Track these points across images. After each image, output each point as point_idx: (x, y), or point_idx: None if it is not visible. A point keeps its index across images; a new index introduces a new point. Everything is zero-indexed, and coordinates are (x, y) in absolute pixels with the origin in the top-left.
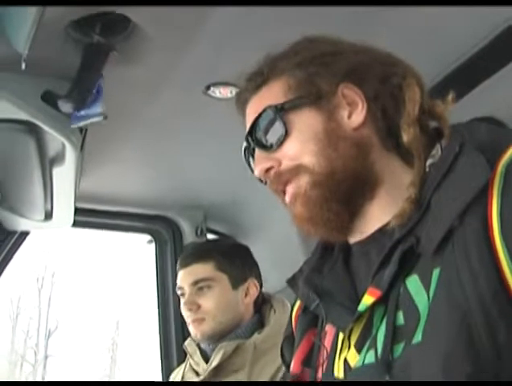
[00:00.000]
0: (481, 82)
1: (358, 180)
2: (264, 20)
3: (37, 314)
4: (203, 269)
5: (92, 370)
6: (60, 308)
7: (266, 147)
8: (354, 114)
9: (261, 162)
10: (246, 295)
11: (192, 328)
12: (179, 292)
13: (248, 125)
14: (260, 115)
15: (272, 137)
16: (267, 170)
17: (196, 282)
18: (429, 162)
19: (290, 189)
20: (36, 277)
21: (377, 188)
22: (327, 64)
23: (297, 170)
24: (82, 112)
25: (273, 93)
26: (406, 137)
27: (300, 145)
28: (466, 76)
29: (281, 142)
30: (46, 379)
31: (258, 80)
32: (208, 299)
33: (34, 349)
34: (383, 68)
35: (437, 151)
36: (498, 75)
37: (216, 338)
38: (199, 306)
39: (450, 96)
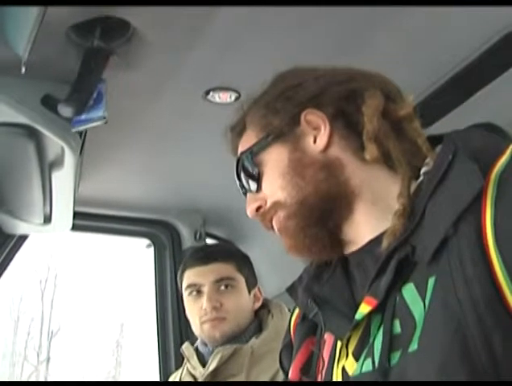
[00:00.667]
0: (480, 88)
1: (333, 199)
2: (264, 25)
3: (39, 316)
4: (226, 268)
5: (96, 372)
6: (63, 310)
7: (251, 189)
8: (318, 137)
9: (250, 203)
10: (254, 301)
11: (208, 327)
12: (190, 289)
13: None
14: (237, 162)
15: (252, 180)
16: (257, 211)
17: (218, 280)
18: (423, 169)
19: (274, 225)
20: (39, 279)
21: (356, 202)
22: (288, 98)
23: (275, 206)
24: (83, 116)
25: (248, 138)
26: (368, 155)
27: (272, 183)
28: (465, 83)
29: (259, 184)
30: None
31: (237, 129)
32: (230, 299)
33: (36, 351)
34: (343, 87)
35: (430, 159)
36: (497, 81)
37: (231, 339)
38: (221, 305)
39: (410, 99)
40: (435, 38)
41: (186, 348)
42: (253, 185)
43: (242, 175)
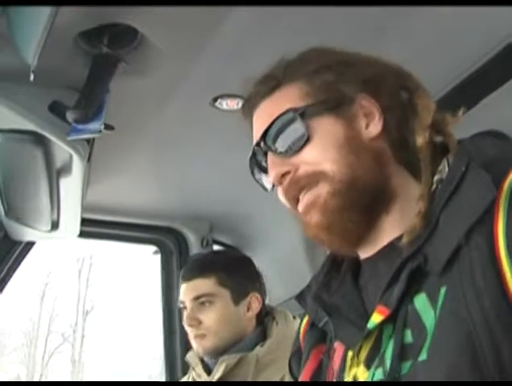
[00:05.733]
0: (486, 96)
1: (377, 192)
2: (272, 32)
3: (76, 295)
4: (204, 284)
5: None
6: (97, 289)
7: (283, 151)
8: (371, 124)
9: (276, 166)
10: (248, 309)
11: (194, 343)
12: (180, 306)
13: (258, 129)
14: (279, 117)
15: (291, 141)
16: (283, 176)
17: (197, 297)
18: (436, 177)
19: (306, 197)
20: (76, 258)
21: (392, 202)
22: (343, 73)
23: (317, 176)
24: (80, 126)
25: (288, 98)
26: (420, 141)
27: (321, 152)
28: (470, 91)
29: (301, 147)
30: (83, 358)
31: (270, 84)
32: (210, 315)
33: (73, 328)
34: (395, 81)
35: (444, 167)
36: (503, 89)
37: (219, 352)
38: (200, 322)
39: (460, 112)
40: (440, 46)
41: (191, 357)
42: (291, 145)
43: (279, 131)
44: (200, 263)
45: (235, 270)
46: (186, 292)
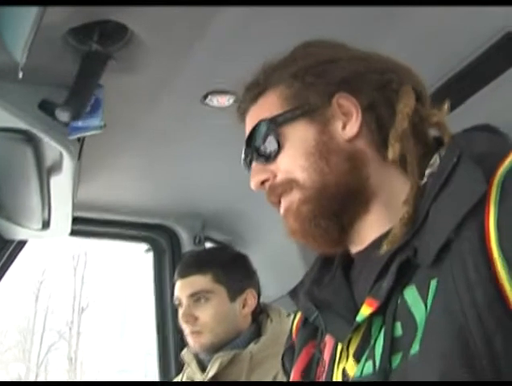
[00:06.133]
0: (480, 89)
1: (351, 194)
2: (262, 28)
3: (72, 292)
4: (200, 281)
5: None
6: (92, 286)
7: (262, 159)
8: (348, 125)
9: (256, 173)
10: (244, 306)
11: (189, 339)
12: (176, 302)
13: (247, 135)
14: (254, 128)
15: (267, 150)
16: (263, 182)
17: (193, 294)
18: (428, 171)
19: (283, 202)
20: (72, 255)
21: (373, 201)
22: (321, 74)
23: (289, 184)
24: (80, 124)
25: (269, 105)
26: (391, 154)
27: (292, 160)
28: (464, 83)
29: (275, 155)
30: (79, 355)
31: (255, 90)
32: (206, 312)
33: (69, 325)
34: (379, 76)
35: (435, 160)
36: (496, 81)
37: (215, 349)
38: (196, 318)
39: (446, 105)
40: (433, 39)
41: (186, 354)
42: (267, 154)
43: (257, 141)
44: (196, 260)
45: (231, 267)
46: (182, 288)
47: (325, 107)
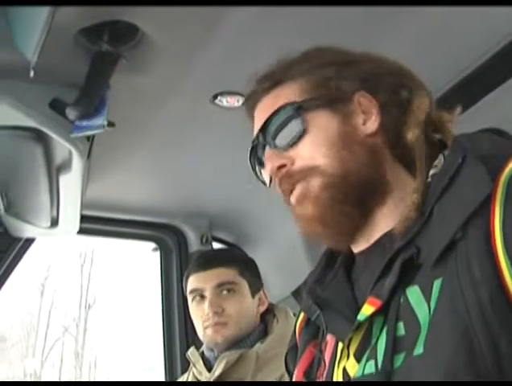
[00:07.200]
0: (487, 94)
1: (372, 185)
2: (272, 29)
3: (78, 289)
4: (228, 273)
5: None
6: (99, 283)
7: (280, 145)
8: (369, 122)
9: (273, 159)
10: (259, 305)
11: (211, 332)
12: (193, 294)
13: (258, 124)
14: (276, 112)
15: (287, 135)
16: (278, 169)
17: (220, 285)
18: (432, 172)
19: (298, 188)
20: (79, 253)
21: (387, 197)
22: (342, 70)
23: (310, 170)
24: (84, 123)
25: (287, 94)
26: (410, 136)
27: (315, 146)
28: (471, 88)
29: (296, 141)
30: (85, 350)
31: (270, 81)
32: (232, 303)
33: (76, 321)
34: (394, 79)
35: (440, 161)
36: (503, 86)
37: (234, 343)
38: (223, 310)
39: (457, 110)
40: (440, 44)
41: (192, 353)
42: (288, 139)
43: (277, 125)
44: (217, 254)
45: (250, 265)
46: (206, 279)
47: (347, 101)
